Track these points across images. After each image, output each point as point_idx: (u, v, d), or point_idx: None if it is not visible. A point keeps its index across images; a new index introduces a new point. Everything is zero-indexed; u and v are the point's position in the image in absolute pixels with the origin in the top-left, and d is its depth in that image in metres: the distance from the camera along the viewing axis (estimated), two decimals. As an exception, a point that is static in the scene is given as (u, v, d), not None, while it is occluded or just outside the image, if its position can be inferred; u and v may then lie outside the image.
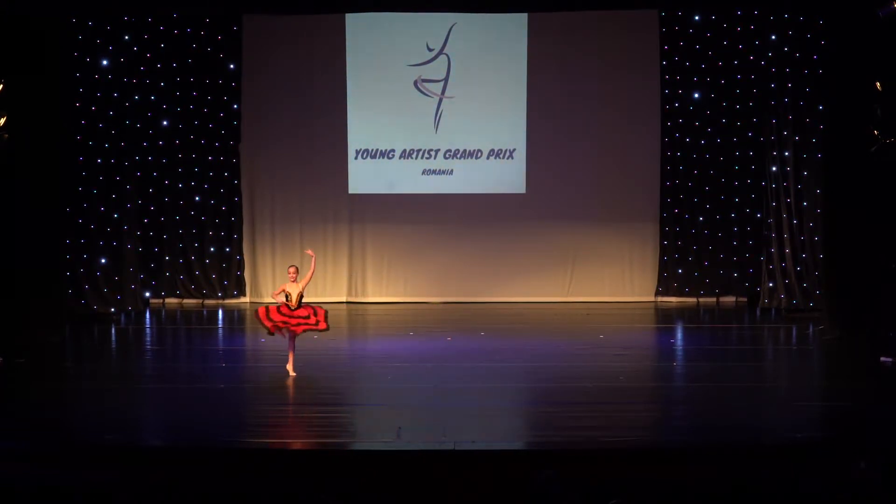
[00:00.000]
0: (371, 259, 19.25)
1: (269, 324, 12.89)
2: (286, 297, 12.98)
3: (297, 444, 10.29)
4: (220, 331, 17.48)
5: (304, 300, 13.02)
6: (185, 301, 19.10)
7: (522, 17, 18.69)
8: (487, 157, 19.07)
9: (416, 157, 19.06)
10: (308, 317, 12.96)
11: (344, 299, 19.25)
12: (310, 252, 13.53)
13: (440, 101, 18.94)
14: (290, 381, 12.83)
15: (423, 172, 19.09)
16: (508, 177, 19.08)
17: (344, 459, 10.03)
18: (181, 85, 18.59)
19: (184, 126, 18.69)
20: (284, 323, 12.91)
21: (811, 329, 16.56)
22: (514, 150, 19.02)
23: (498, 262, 19.13)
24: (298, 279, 13.06)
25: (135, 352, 15.77)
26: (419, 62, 18.88)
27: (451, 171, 19.09)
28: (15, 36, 14.59)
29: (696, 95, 18.78)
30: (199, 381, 13.24)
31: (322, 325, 13.01)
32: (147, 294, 18.90)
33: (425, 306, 18.93)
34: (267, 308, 13.11)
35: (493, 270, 19.17)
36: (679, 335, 16.64)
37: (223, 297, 19.08)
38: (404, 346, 15.51)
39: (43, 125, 15.31)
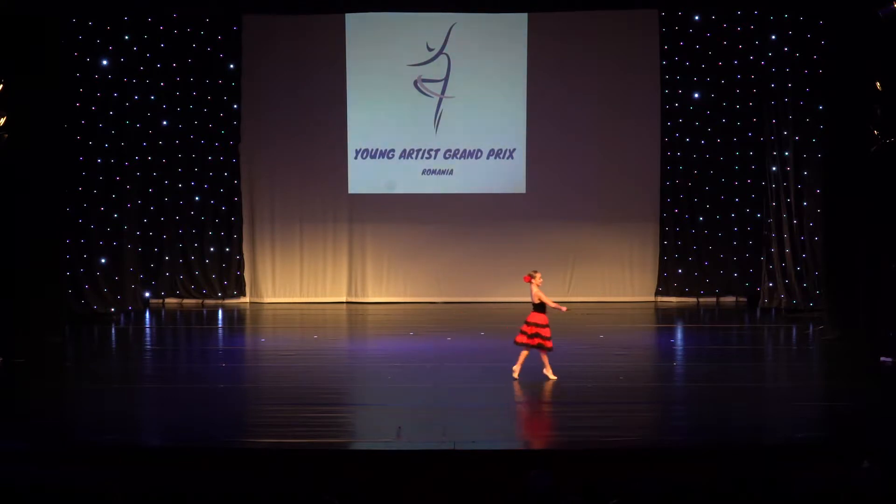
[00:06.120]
0: (371, 259, 19.25)
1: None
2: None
3: (297, 444, 10.28)
4: (220, 331, 17.48)
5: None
6: (185, 301, 19.11)
7: (522, 17, 18.69)
8: (487, 157, 19.07)
9: (416, 157, 19.06)
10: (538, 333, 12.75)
11: (344, 299, 19.25)
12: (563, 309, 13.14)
13: (440, 100, 18.95)
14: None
15: (423, 172, 19.10)
16: (508, 177, 19.09)
17: (344, 459, 10.04)
18: (181, 85, 18.60)
19: (184, 126, 18.70)
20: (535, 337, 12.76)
21: (811, 329, 16.57)
22: (514, 150, 19.03)
23: (498, 262, 19.12)
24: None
25: (135, 352, 15.76)
26: (419, 62, 18.89)
27: (451, 171, 19.10)
28: (15, 36, 14.58)
29: (696, 95, 18.79)
30: (199, 381, 13.25)
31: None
32: (147, 294, 18.91)
33: (425, 306, 18.94)
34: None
35: (493, 270, 19.16)
36: (679, 335, 16.64)
37: (223, 297, 19.09)
38: (404, 346, 15.52)
39: (43, 125, 15.30)
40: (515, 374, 12.79)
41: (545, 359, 12.81)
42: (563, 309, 13.05)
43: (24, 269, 14.93)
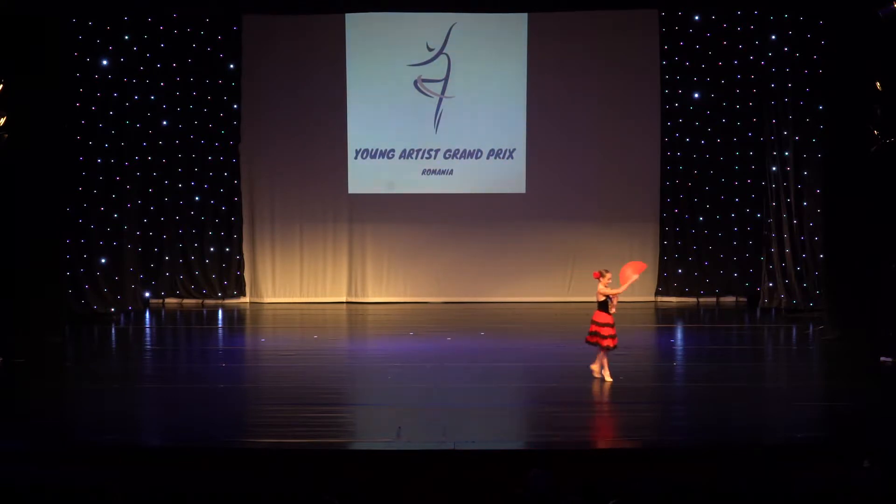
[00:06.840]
0: (371, 259, 19.25)
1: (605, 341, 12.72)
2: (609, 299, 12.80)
3: (297, 444, 10.28)
4: (220, 331, 17.48)
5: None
6: (185, 301, 19.10)
7: (522, 17, 18.69)
8: (487, 157, 19.07)
9: (416, 157, 19.06)
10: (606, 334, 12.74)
11: (344, 299, 19.25)
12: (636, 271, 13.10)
13: (440, 100, 18.94)
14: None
15: (423, 172, 19.09)
16: (508, 177, 19.08)
17: (344, 459, 10.04)
18: (181, 85, 18.59)
19: (184, 126, 18.69)
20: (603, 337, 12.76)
21: (811, 329, 16.57)
22: (514, 150, 19.02)
23: (498, 262, 19.13)
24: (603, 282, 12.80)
25: (135, 352, 15.76)
26: (419, 62, 18.89)
27: (451, 170, 19.09)
28: (15, 36, 14.59)
29: (696, 95, 18.78)
30: (199, 381, 13.25)
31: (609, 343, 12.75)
32: (147, 294, 18.90)
33: (425, 306, 18.93)
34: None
35: (493, 270, 19.16)
36: (679, 335, 16.64)
37: (223, 297, 19.08)
38: (404, 346, 15.52)
39: (43, 125, 15.30)
40: (595, 374, 12.79)
41: (604, 360, 12.77)
42: (636, 276, 12.98)
43: (24, 269, 14.93)
